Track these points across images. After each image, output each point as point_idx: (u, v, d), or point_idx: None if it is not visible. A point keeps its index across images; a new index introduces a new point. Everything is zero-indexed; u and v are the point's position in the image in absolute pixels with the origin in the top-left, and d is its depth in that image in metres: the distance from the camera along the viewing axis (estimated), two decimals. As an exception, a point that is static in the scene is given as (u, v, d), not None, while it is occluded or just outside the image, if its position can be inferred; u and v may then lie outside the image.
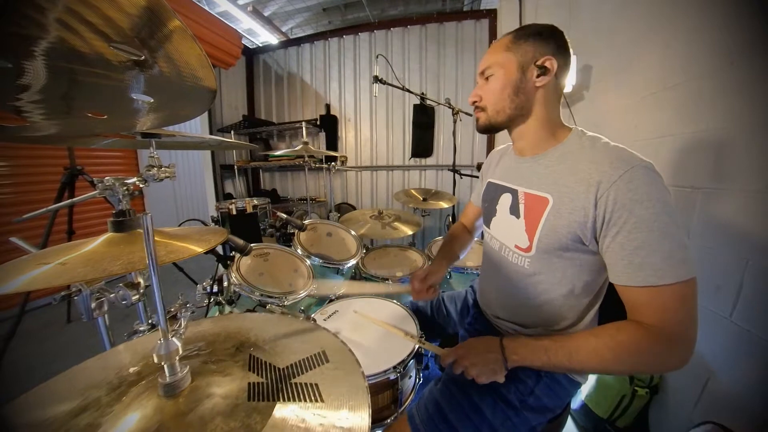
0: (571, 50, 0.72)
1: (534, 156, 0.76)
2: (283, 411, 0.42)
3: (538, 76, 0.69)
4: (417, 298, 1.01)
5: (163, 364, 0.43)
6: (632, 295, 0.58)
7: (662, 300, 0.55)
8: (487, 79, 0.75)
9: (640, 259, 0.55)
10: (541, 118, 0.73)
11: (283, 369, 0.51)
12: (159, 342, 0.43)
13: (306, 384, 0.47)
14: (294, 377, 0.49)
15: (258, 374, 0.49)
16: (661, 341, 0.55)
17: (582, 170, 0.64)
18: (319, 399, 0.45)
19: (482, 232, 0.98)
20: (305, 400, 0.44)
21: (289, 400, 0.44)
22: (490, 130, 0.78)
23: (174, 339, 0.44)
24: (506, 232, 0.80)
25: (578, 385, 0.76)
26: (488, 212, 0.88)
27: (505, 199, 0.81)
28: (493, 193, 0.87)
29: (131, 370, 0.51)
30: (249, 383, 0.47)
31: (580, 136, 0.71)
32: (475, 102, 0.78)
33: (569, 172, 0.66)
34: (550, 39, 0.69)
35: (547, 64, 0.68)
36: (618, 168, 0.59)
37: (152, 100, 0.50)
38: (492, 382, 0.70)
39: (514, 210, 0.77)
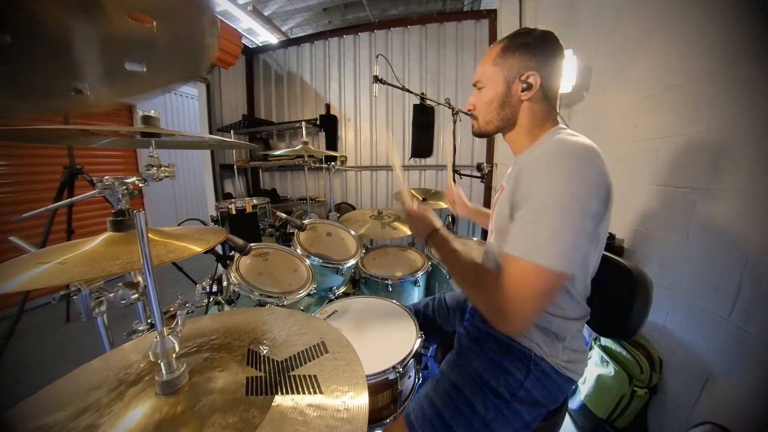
0: (563, 53, 0.73)
1: (518, 154, 0.82)
2: (282, 404, 0.43)
3: (522, 91, 0.72)
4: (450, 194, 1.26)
5: (159, 362, 0.43)
6: (501, 261, 0.66)
7: (509, 270, 0.61)
8: (479, 89, 0.80)
9: (513, 232, 0.63)
10: (525, 126, 0.77)
11: (282, 362, 0.51)
12: (155, 340, 0.43)
13: (305, 376, 0.47)
14: (293, 369, 0.49)
15: (256, 368, 0.49)
16: (500, 306, 0.61)
17: (529, 159, 0.69)
18: (317, 391, 0.45)
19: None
20: (304, 393, 0.44)
21: (287, 392, 0.44)
22: (482, 136, 0.86)
23: (170, 337, 0.44)
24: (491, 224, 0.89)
25: (571, 381, 0.75)
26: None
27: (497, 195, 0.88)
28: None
29: (131, 369, 0.51)
30: (247, 378, 0.47)
31: (552, 133, 0.73)
32: (470, 110, 0.84)
33: (524, 164, 0.70)
34: (536, 51, 0.71)
35: (530, 80, 0.71)
36: (539, 155, 0.64)
37: (145, 69, 0.50)
38: (483, 377, 0.74)
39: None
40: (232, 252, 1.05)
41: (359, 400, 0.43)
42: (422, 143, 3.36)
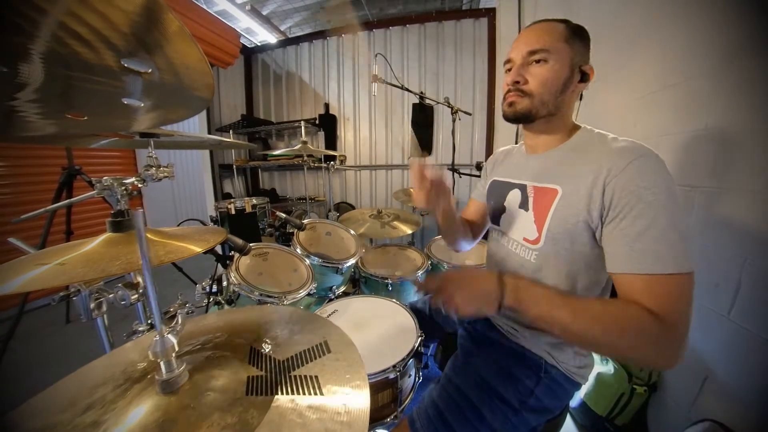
0: None
1: (545, 152, 0.76)
2: (281, 405, 0.42)
3: (579, 81, 0.69)
4: (420, 188, 0.75)
5: (159, 361, 0.43)
6: (629, 284, 0.56)
7: (662, 289, 0.53)
8: (537, 62, 0.67)
9: (643, 246, 0.54)
10: (565, 119, 0.74)
11: (284, 361, 0.50)
12: (155, 339, 0.43)
13: (305, 376, 0.47)
14: (294, 369, 0.49)
15: (258, 367, 0.49)
16: (663, 329, 0.52)
17: (591, 160, 0.64)
18: (318, 392, 0.44)
19: (486, 232, 0.97)
20: (304, 394, 0.44)
21: (287, 393, 0.44)
22: (524, 119, 0.71)
23: (170, 336, 0.44)
24: (514, 226, 0.78)
25: (578, 385, 0.75)
26: (495, 210, 0.87)
27: (514, 195, 0.80)
28: (499, 190, 0.86)
29: (138, 366, 0.51)
30: (248, 377, 0.47)
31: (590, 132, 0.72)
32: (517, 83, 0.69)
33: (578, 163, 0.67)
34: (589, 45, 0.69)
35: (589, 71, 0.68)
36: (627, 156, 0.59)
37: (142, 105, 0.50)
38: (491, 384, 0.70)
39: (524, 204, 0.76)
40: (232, 252, 1.05)
41: (360, 403, 0.42)
42: (422, 142, 3.36)
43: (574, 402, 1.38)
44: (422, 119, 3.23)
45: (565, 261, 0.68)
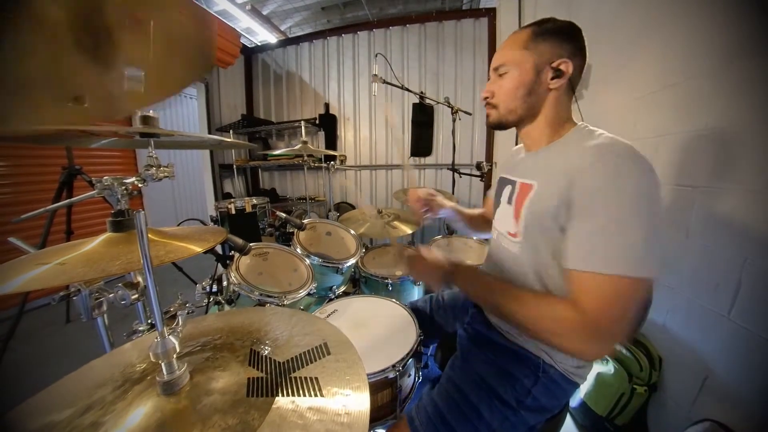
0: (585, 48, 0.71)
1: (537, 150, 0.78)
2: (282, 407, 0.42)
3: (552, 78, 0.69)
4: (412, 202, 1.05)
5: (160, 362, 0.43)
6: (575, 280, 0.57)
7: (601, 290, 0.54)
8: (501, 75, 0.73)
9: (591, 246, 0.55)
10: (549, 118, 0.73)
11: (284, 363, 0.50)
12: (156, 341, 0.43)
13: (306, 378, 0.47)
14: (294, 371, 0.49)
15: (258, 369, 0.49)
16: (588, 330, 0.55)
17: (567, 157, 0.65)
18: (318, 394, 0.45)
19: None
20: (304, 395, 0.44)
21: (288, 395, 0.44)
22: (500, 127, 0.78)
23: (171, 337, 0.44)
24: (503, 220, 0.82)
25: (576, 385, 0.75)
26: (495, 205, 0.89)
27: (507, 191, 0.82)
28: (500, 187, 0.88)
29: (137, 367, 0.51)
30: (248, 379, 0.47)
31: (581, 130, 0.71)
32: (487, 98, 0.77)
33: (557, 160, 0.68)
34: (569, 39, 0.69)
35: (562, 67, 0.67)
36: (595, 155, 0.59)
37: (143, 74, 0.49)
38: (489, 383, 0.71)
39: (510, 199, 0.79)
40: (232, 252, 1.05)
41: (360, 405, 0.42)
42: (422, 142, 3.37)
43: (574, 402, 1.38)
44: (422, 119, 3.23)
45: (542, 254, 0.69)
